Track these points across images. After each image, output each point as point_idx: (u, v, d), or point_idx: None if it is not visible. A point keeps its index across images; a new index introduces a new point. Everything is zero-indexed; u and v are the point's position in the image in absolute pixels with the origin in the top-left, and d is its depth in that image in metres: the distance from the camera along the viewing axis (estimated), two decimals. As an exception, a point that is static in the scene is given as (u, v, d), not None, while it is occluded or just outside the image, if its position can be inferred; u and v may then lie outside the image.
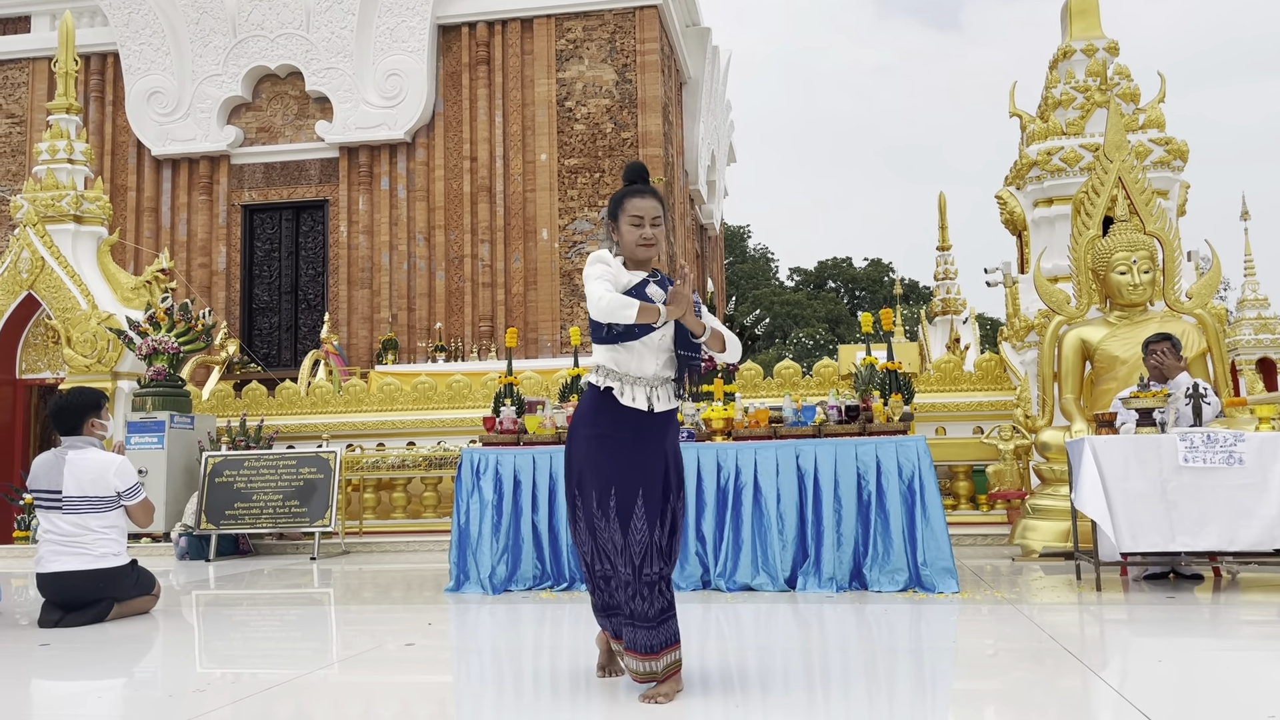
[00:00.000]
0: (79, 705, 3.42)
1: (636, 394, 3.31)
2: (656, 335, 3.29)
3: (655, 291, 3.33)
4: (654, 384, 3.33)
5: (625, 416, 3.31)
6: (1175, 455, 5.40)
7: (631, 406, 3.30)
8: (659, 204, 3.36)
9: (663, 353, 3.33)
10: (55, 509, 5.29)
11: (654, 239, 3.34)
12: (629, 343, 3.28)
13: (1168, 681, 3.40)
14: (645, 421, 3.32)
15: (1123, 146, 7.58)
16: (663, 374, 3.34)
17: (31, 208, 11.25)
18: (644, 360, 3.31)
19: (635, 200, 3.33)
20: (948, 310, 18.39)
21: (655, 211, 3.33)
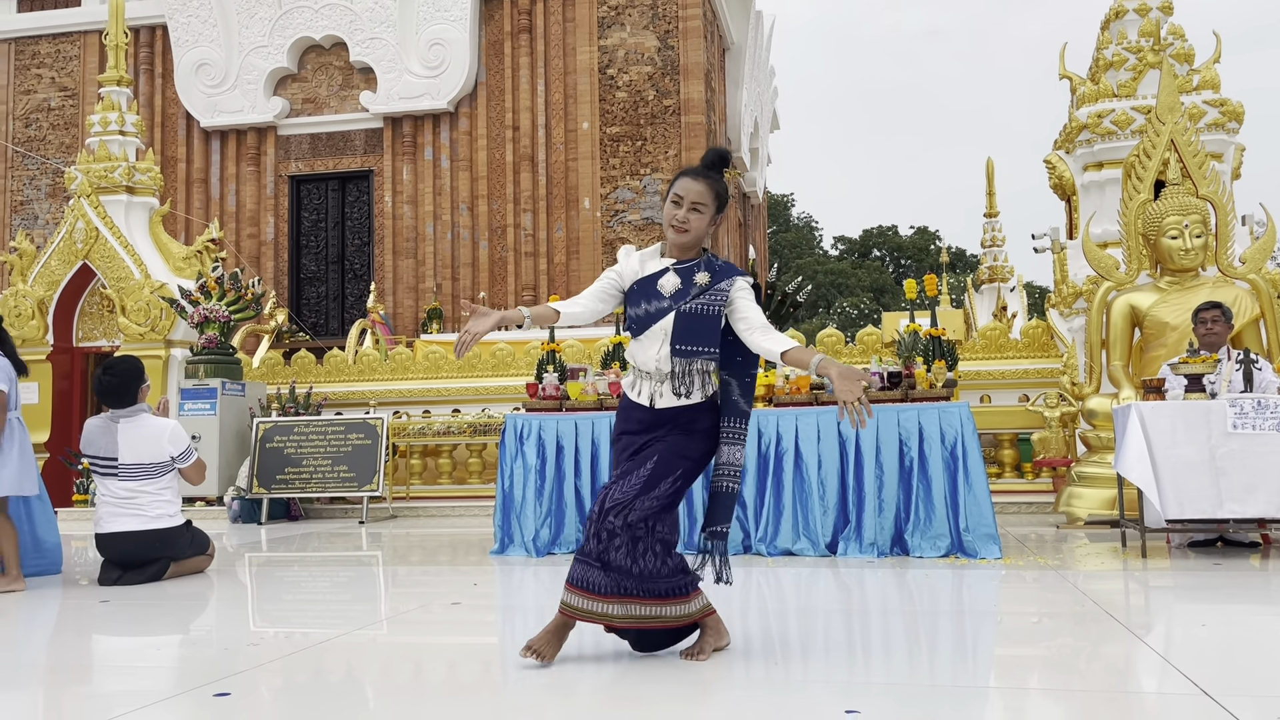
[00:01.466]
0: (138, 658, 3.54)
1: (642, 388, 3.26)
2: (657, 328, 3.19)
3: (668, 282, 3.21)
4: (657, 379, 3.22)
5: (632, 412, 3.28)
6: (1224, 421, 5.33)
7: (636, 401, 3.27)
8: (709, 190, 3.19)
9: (664, 345, 3.19)
10: (111, 475, 5.44)
11: (687, 223, 3.19)
12: (637, 336, 3.24)
13: (1213, 647, 3.38)
14: (647, 418, 3.24)
15: (1175, 108, 7.41)
16: (663, 367, 3.20)
17: (85, 179, 11.47)
18: (645, 352, 3.23)
19: (683, 180, 3.21)
20: (995, 278, 18.17)
21: (699, 197, 3.18)
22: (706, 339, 3.17)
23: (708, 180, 3.21)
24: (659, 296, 3.21)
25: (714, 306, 3.19)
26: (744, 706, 2.71)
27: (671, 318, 3.18)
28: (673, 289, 3.20)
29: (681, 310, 3.18)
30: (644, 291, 3.24)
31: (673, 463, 3.17)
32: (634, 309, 3.25)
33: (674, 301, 3.19)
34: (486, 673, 3.16)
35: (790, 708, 2.70)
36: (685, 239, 3.22)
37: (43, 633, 4.20)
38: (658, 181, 15.57)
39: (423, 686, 3.02)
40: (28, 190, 17.71)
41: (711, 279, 3.21)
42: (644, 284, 3.25)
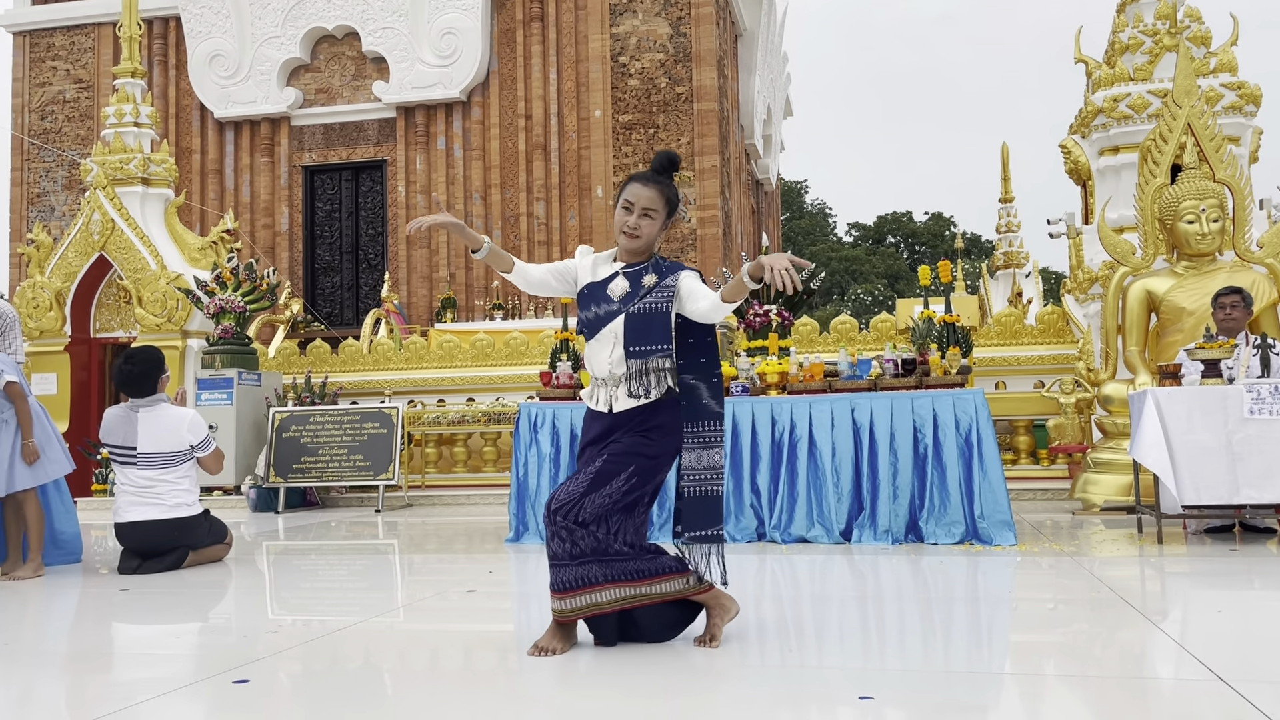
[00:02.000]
0: (158, 646, 3.58)
1: (598, 394, 3.26)
2: (607, 331, 3.20)
3: (618, 286, 3.22)
4: (611, 383, 3.22)
5: (593, 422, 3.28)
6: (1241, 407, 5.30)
7: (595, 409, 3.27)
8: (659, 196, 3.20)
9: (616, 348, 3.19)
10: (130, 464, 5.49)
11: (638, 229, 3.19)
12: (588, 342, 3.25)
13: (1229, 633, 3.37)
14: (609, 423, 3.22)
15: (1192, 91, 7.35)
16: (617, 370, 3.19)
17: (101, 171, 11.53)
18: (597, 356, 3.24)
19: (633, 186, 3.21)
20: (1010, 264, 18.07)
21: (650, 203, 3.18)
22: (658, 337, 3.16)
23: (658, 186, 3.22)
24: (608, 300, 3.23)
25: (662, 304, 3.18)
26: (759, 693, 2.72)
27: (621, 320, 3.18)
28: (621, 293, 3.22)
29: (631, 312, 3.18)
30: (594, 296, 3.27)
31: (624, 459, 3.16)
32: (584, 312, 3.28)
33: (623, 304, 3.21)
34: (503, 660, 3.18)
35: (805, 694, 2.71)
36: (637, 244, 3.23)
37: (64, 620, 4.25)
38: (671, 169, 15.54)
39: (439, 674, 3.04)
40: (44, 182, 17.81)
41: (659, 279, 3.22)
42: (594, 288, 3.27)
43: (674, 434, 3.26)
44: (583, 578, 3.14)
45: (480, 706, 2.66)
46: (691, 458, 3.30)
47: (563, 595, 3.16)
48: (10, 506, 5.52)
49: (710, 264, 15.24)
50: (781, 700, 2.64)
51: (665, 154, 3.28)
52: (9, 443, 5.41)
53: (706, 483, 3.31)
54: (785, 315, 7.42)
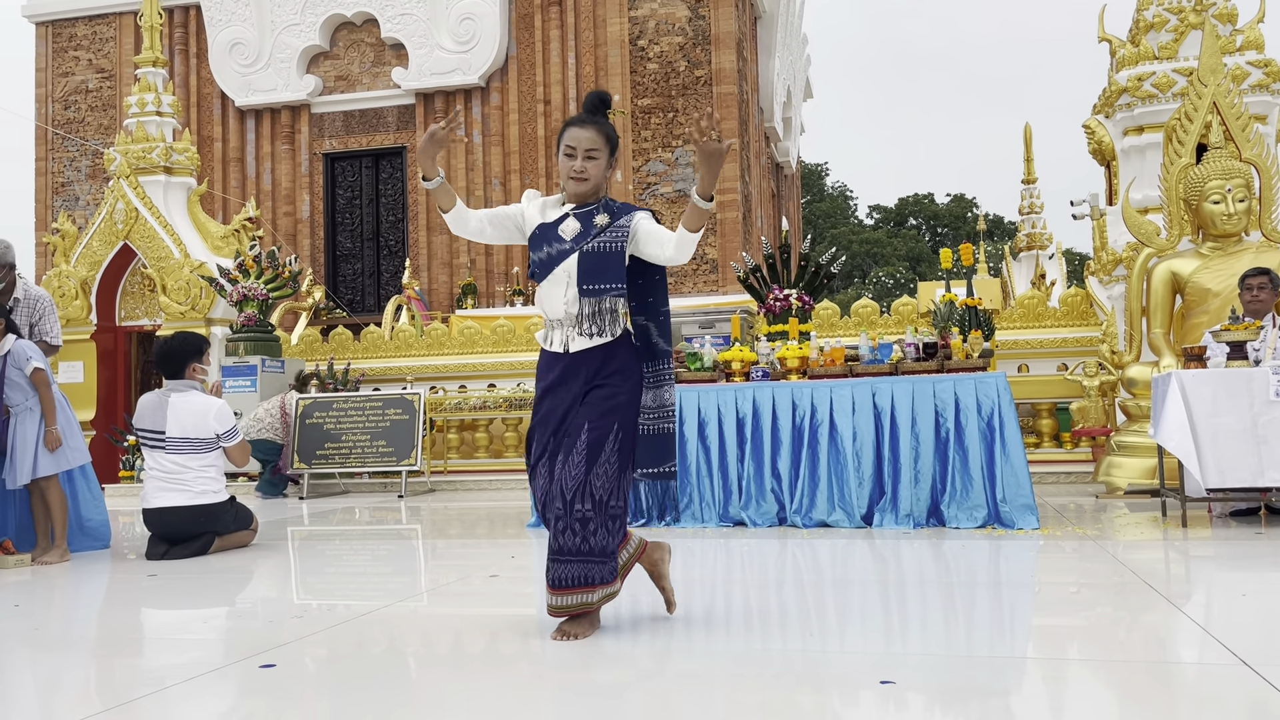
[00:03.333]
0: (186, 631, 3.63)
1: (554, 336, 3.25)
2: (560, 270, 3.18)
3: (569, 226, 3.22)
4: (566, 323, 3.21)
5: (550, 365, 3.25)
6: (1267, 389, 5.25)
7: (551, 351, 3.25)
8: (599, 135, 3.19)
9: (570, 287, 3.18)
10: (159, 448, 5.56)
11: (585, 173, 3.19)
12: (539, 284, 3.23)
13: (1254, 617, 3.35)
14: (566, 365, 3.20)
15: (1218, 70, 7.26)
16: (571, 310, 3.19)
17: (124, 160, 11.61)
18: (551, 297, 3.22)
19: (571, 130, 3.20)
20: (1033, 245, 17.95)
21: (591, 144, 3.18)
22: (612, 276, 3.16)
23: (596, 126, 3.20)
24: (559, 240, 3.22)
25: (616, 243, 3.18)
26: (780, 677, 2.73)
27: (575, 259, 3.17)
28: (573, 233, 3.21)
29: (584, 250, 3.17)
30: (545, 236, 3.25)
31: (605, 420, 3.14)
32: (536, 253, 3.25)
33: (575, 243, 3.20)
34: (525, 644, 3.21)
35: (827, 678, 2.72)
36: (585, 187, 3.22)
37: (93, 605, 4.31)
38: (690, 154, 15.49)
39: (463, 657, 3.07)
40: (68, 172, 17.96)
41: (611, 219, 3.22)
42: (545, 229, 3.25)
43: (634, 374, 3.26)
44: (585, 576, 3.14)
45: (504, 690, 2.69)
46: (647, 396, 3.30)
47: (560, 592, 3.15)
48: (36, 495, 5.60)
49: (730, 248, 15.20)
50: (803, 684, 2.65)
51: (595, 94, 3.29)
52: (34, 430, 5.49)
53: (660, 420, 3.31)
54: (805, 299, 7.41)
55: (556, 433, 3.18)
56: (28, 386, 5.49)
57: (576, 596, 3.15)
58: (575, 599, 3.16)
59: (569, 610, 3.18)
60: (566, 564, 3.14)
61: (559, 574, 3.15)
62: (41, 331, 6.03)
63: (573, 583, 3.14)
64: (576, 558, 3.13)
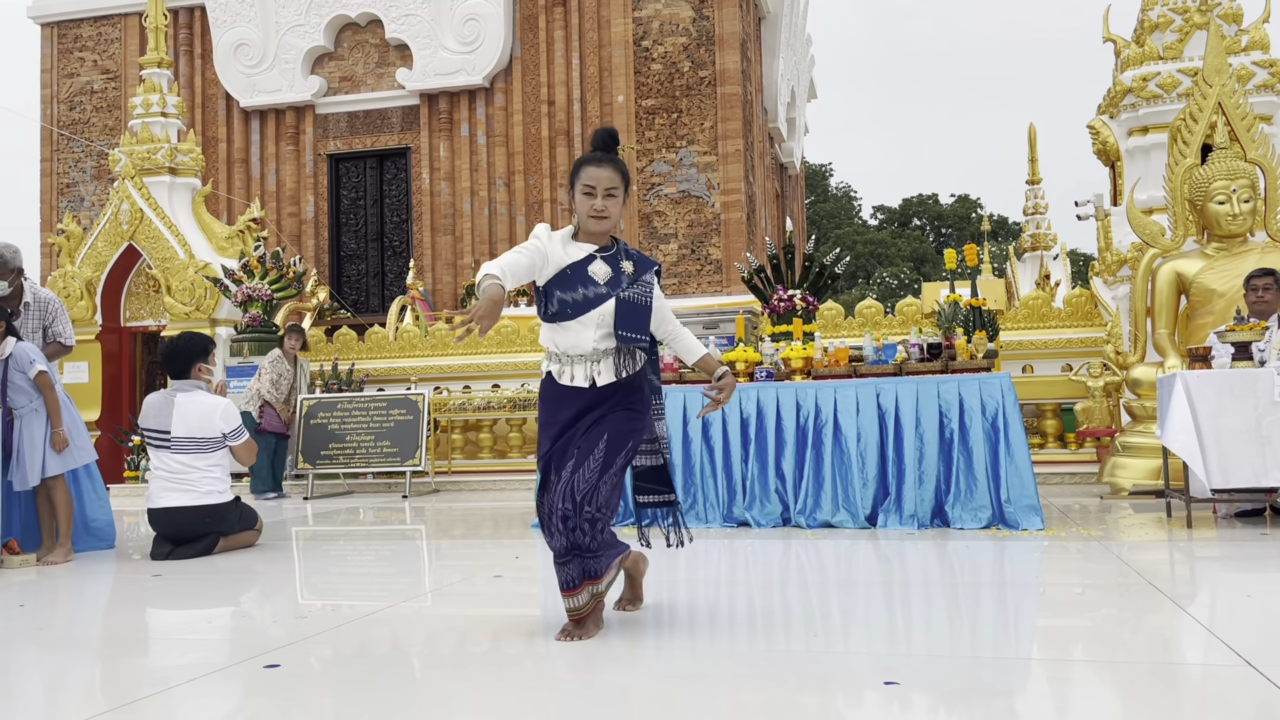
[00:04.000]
0: (191, 630, 3.63)
1: (575, 372, 3.30)
2: (594, 314, 3.24)
3: (599, 269, 3.27)
4: (593, 359, 3.29)
5: (567, 396, 3.30)
6: (1272, 390, 5.24)
7: (571, 386, 3.30)
8: (616, 174, 3.26)
9: (601, 328, 3.26)
10: (164, 448, 5.57)
11: (605, 212, 3.25)
12: (565, 322, 3.27)
13: (1258, 617, 3.35)
14: (589, 399, 3.28)
15: (1223, 70, 7.25)
16: (601, 347, 3.27)
17: (129, 161, 11.64)
18: (580, 336, 3.27)
19: (590, 169, 3.25)
20: (1037, 246, 17.93)
21: (610, 183, 3.24)
22: (642, 327, 3.32)
23: (612, 164, 3.27)
24: (594, 283, 3.26)
25: (645, 298, 3.33)
26: (786, 678, 2.73)
27: (612, 304, 3.26)
28: (605, 276, 3.27)
29: (621, 298, 3.27)
30: (577, 278, 3.26)
31: (621, 438, 3.25)
32: (567, 293, 3.25)
33: (610, 289, 3.27)
34: (530, 644, 3.21)
35: (831, 679, 2.71)
36: (606, 225, 3.29)
37: (97, 606, 4.32)
38: (694, 154, 15.50)
39: (467, 658, 3.07)
40: (73, 173, 17.99)
41: (636, 268, 3.34)
42: (576, 269, 3.27)
43: (649, 405, 3.45)
44: (595, 569, 3.21)
45: (508, 690, 2.69)
46: (654, 429, 3.54)
47: (573, 593, 3.22)
48: (41, 495, 5.61)
49: (734, 249, 15.20)
50: (806, 684, 2.65)
51: (604, 130, 3.35)
52: (41, 431, 5.50)
53: (657, 454, 3.56)
54: (810, 300, 7.40)
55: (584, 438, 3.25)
56: (31, 389, 5.50)
57: (586, 592, 3.22)
58: (586, 594, 3.22)
59: (589, 606, 3.23)
60: (576, 561, 3.20)
61: (569, 575, 3.21)
62: (55, 333, 6.05)
63: (582, 577, 3.21)
64: (588, 555, 3.19)
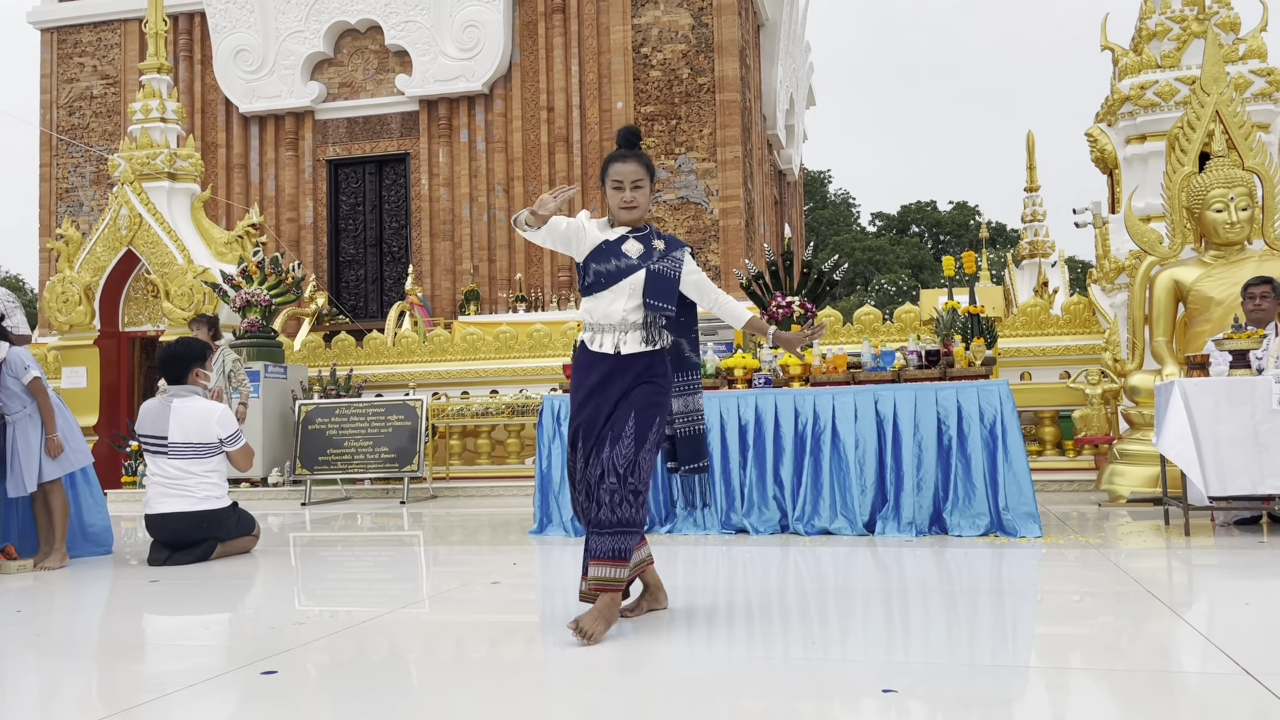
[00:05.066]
0: (188, 637, 3.63)
1: (604, 340, 3.54)
2: (626, 283, 3.51)
3: (632, 246, 3.55)
4: (621, 329, 3.52)
5: (595, 362, 3.54)
6: (1269, 398, 5.24)
7: (599, 351, 3.53)
8: (641, 168, 3.53)
9: (632, 298, 3.51)
10: (161, 453, 5.56)
11: (634, 202, 3.53)
12: (599, 292, 3.55)
13: (1256, 625, 3.35)
14: (613, 365, 3.50)
15: (1221, 78, 7.26)
16: (631, 318, 3.52)
17: (128, 166, 11.64)
18: (612, 305, 3.53)
19: (616, 165, 3.53)
20: (1035, 253, 17.96)
21: (635, 175, 3.52)
22: (669, 298, 3.55)
23: (637, 159, 3.55)
24: (626, 257, 3.54)
25: (674, 271, 3.58)
26: (784, 686, 2.73)
27: (643, 275, 3.52)
28: (638, 252, 3.56)
29: (651, 269, 3.54)
30: (611, 251, 3.55)
31: (651, 411, 3.48)
32: (601, 265, 3.53)
33: (642, 261, 3.54)
34: (528, 651, 3.21)
35: (828, 686, 2.71)
36: (635, 214, 3.57)
37: (94, 612, 4.32)
38: (693, 161, 15.52)
39: (465, 664, 3.07)
40: (73, 177, 18.00)
41: (666, 246, 3.62)
42: (609, 245, 3.56)
43: (670, 381, 3.65)
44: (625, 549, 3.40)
45: (506, 697, 2.69)
46: (679, 404, 3.75)
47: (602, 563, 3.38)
48: (38, 500, 5.60)
49: (733, 255, 15.21)
50: (805, 693, 2.65)
51: (627, 129, 3.64)
52: (36, 437, 5.50)
53: (693, 424, 3.77)
54: (808, 306, 7.41)
55: (604, 426, 3.45)
56: (24, 394, 5.50)
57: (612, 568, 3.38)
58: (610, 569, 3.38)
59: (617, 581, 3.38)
60: (615, 535, 3.37)
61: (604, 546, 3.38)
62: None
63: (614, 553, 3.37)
64: (631, 528, 3.38)
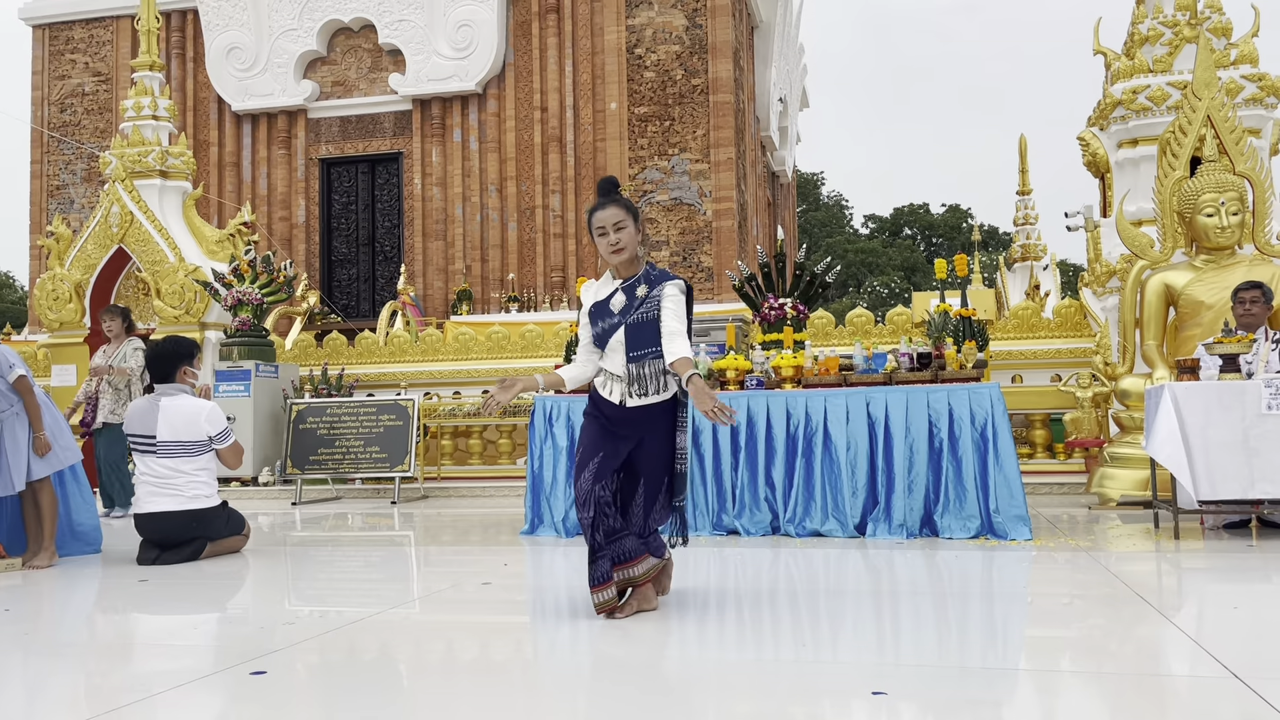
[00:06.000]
0: (177, 636, 3.61)
1: (613, 388, 3.71)
2: (614, 340, 3.66)
3: (617, 300, 3.67)
4: (626, 380, 3.66)
5: (605, 405, 3.73)
6: (1259, 402, 5.26)
7: (608, 399, 3.71)
8: (619, 210, 3.64)
9: (622, 354, 3.66)
10: (150, 453, 5.54)
11: (620, 243, 3.64)
12: (603, 349, 3.75)
13: (1245, 629, 3.36)
14: (620, 414, 3.68)
15: (1212, 84, 7.29)
16: (627, 372, 3.66)
17: (119, 164, 11.60)
18: (614, 360, 3.70)
19: (596, 214, 3.66)
20: (1027, 256, 17.99)
21: (615, 218, 3.63)
22: (652, 341, 3.62)
23: (614, 202, 3.66)
24: (610, 315, 3.69)
25: (652, 312, 3.64)
26: (773, 688, 2.72)
27: (622, 331, 3.65)
28: (620, 306, 3.68)
29: (629, 323, 3.65)
30: (599, 312, 3.73)
31: (663, 468, 3.76)
32: (596, 326, 3.74)
33: (622, 317, 3.67)
34: (518, 651, 3.20)
35: (818, 688, 2.71)
36: (624, 256, 3.67)
37: (82, 611, 4.30)
38: (686, 162, 15.52)
39: (455, 665, 3.06)
40: (64, 175, 17.93)
41: (649, 289, 3.68)
42: (599, 306, 3.74)
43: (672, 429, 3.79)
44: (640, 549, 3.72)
45: (496, 698, 2.68)
46: (678, 441, 3.82)
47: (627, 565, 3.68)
48: (27, 498, 5.58)
49: (726, 256, 15.22)
50: (795, 695, 2.65)
51: (605, 179, 3.78)
52: (23, 435, 5.47)
53: (685, 460, 3.85)
54: (800, 308, 7.41)
55: (619, 469, 3.69)
56: (10, 393, 5.47)
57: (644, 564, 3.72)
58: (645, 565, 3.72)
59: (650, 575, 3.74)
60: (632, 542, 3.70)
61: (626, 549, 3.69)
62: None
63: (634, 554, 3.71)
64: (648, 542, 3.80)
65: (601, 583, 3.62)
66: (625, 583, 3.67)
